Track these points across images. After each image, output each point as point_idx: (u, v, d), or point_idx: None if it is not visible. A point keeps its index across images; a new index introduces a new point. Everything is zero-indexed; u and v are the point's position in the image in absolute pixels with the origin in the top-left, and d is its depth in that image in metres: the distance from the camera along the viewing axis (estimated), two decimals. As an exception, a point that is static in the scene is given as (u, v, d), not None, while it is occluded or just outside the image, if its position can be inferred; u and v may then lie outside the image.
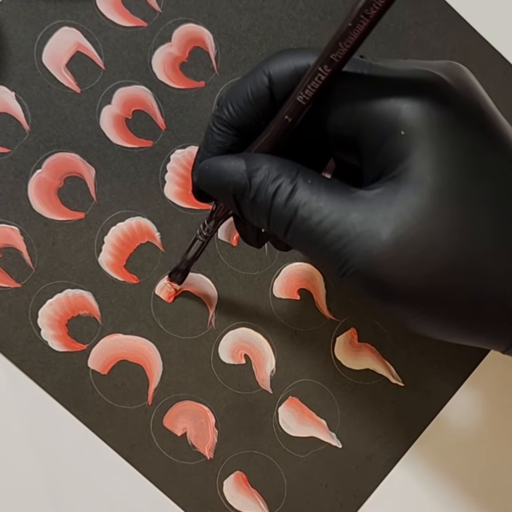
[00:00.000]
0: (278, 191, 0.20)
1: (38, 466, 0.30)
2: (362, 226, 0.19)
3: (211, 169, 0.22)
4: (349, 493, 0.31)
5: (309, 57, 0.20)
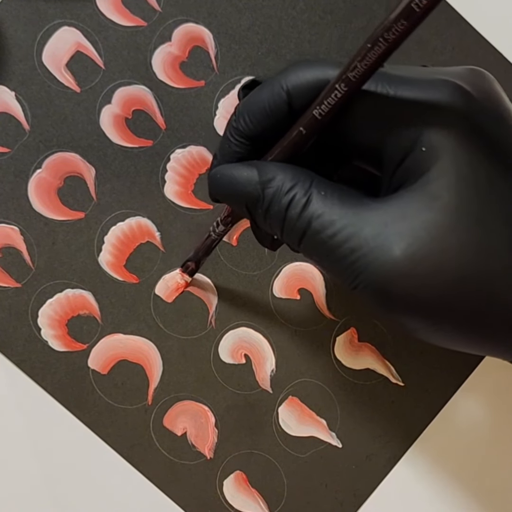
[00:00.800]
0: (291, 203, 0.20)
1: (38, 466, 0.30)
2: (375, 241, 0.19)
3: (223, 179, 0.22)
4: (349, 492, 0.31)
5: (328, 70, 0.20)
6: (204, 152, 0.31)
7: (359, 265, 0.19)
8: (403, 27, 0.17)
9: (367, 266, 0.19)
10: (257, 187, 0.21)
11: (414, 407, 0.31)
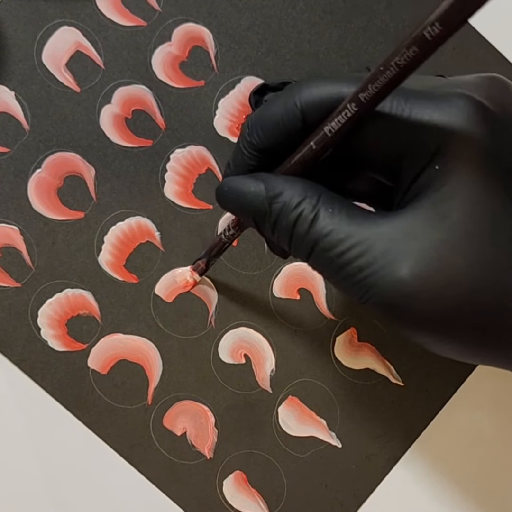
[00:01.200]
0: (299, 220, 0.20)
1: (38, 465, 0.30)
2: (383, 259, 0.19)
3: (231, 192, 0.22)
4: (349, 492, 0.31)
5: (343, 87, 0.20)
6: (204, 152, 0.31)
7: (368, 282, 0.19)
8: (414, 54, 0.16)
9: (375, 284, 0.19)
10: (264, 202, 0.21)
11: (414, 407, 0.31)
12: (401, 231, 0.19)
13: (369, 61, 0.31)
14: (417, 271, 0.19)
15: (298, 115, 0.21)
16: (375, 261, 0.19)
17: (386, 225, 0.19)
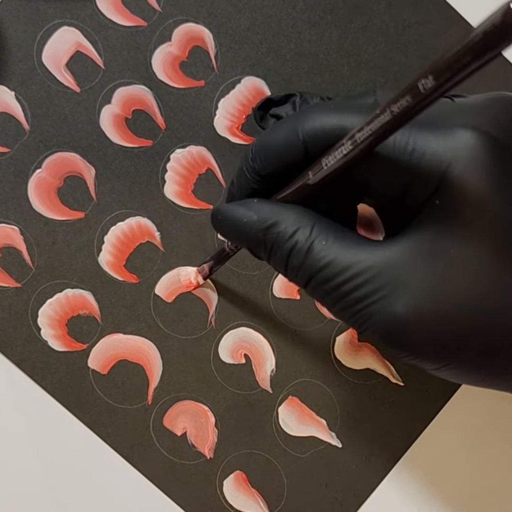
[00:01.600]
0: (292, 253, 0.20)
1: (38, 465, 0.30)
2: (380, 292, 0.19)
3: (225, 221, 0.22)
4: (349, 492, 0.31)
5: (347, 118, 0.20)
6: (204, 152, 0.31)
7: (364, 314, 0.20)
8: (408, 104, 0.16)
9: (372, 316, 0.19)
10: (258, 234, 0.21)
11: (414, 407, 0.31)
12: (398, 263, 0.19)
13: (369, 61, 0.31)
14: (413, 305, 0.19)
15: (300, 147, 0.21)
16: (371, 293, 0.19)
17: (383, 256, 0.19)
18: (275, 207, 0.21)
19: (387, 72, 0.31)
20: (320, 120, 0.20)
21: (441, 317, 0.19)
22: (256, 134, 0.31)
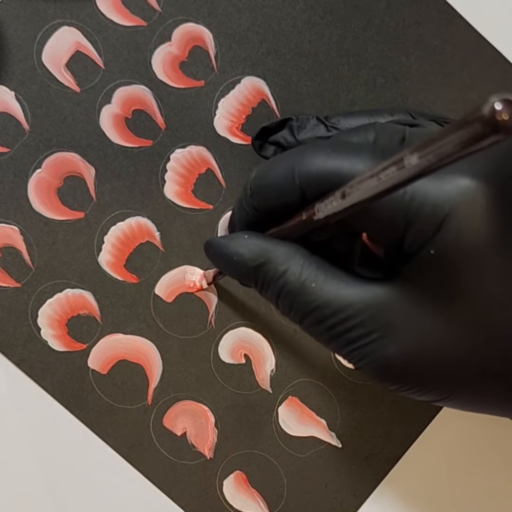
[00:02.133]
0: (282, 293, 0.20)
1: (38, 466, 0.30)
2: (370, 336, 0.19)
3: (216, 257, 0.22)
4: (349, 492, 0.31)
5: (343, 166, 0.19)
6: (204, 152, 0.31)
7: (357, 354, 0.20)
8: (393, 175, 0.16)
9: (365, 356, 0.20)
10: (249, 271, 0.21)
11: (414, 407, 0.31)
12: (389, 308, 0.19)
13: (369, 61, 0.31)
14: (405, 348, 0.19)
15: (296, 191, 0.20)
16: (363, 336, 0.19)
17: (376, 300, 0.19)
18: (266, 244, 0.21)
19: (387, 72, 0.31)
20: (317, 166, 0.20)
21: (433, 360, 0.19)
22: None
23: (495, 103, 0.12)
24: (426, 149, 0.14)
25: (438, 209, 0.18)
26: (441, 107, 0.31)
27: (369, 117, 0.27)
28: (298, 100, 0.31)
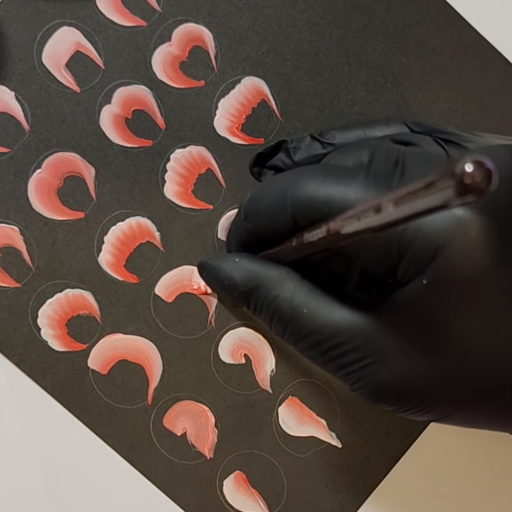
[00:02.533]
0: (274, 318, 0.21)
1: (38, 466, 0.30)
2: (363, 361, 0.20)
3: (209, 280, 0.22)
4: (349, 492, 0.31)
5: (335, 195, 0.19)
6: (204, 152, 0.31)
7: (351, 378, 0.20)
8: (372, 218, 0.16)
9: (359, 380, 0.20)
10: (241, 295, 0.21)
11: (414, 407, 0.31)
12: (381, 334, 0.19)
13: (369, 61, 0.31)
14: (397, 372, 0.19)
15: (289, 219, 0.21)
16: (356, 361, 0.20)
17: (368, 326, 0.19)
18: (257, 268, 0.21)
19: (387, 72, 0.31)
20: (309, 194, 0.20)
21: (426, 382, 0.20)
22: (256, 134, 0.31)
23: (466, 165, 0.12)
24: (402, 201, 0.14)
25: (432, 240, 0.18)
26: (441, 107, 0.31)
27: (365, 129, 0.27)
28: (298, 100, 0.31)
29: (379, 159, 0.21)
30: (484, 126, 0.31)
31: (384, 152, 0.21)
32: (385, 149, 0.22)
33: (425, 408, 0.20)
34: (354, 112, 0.31)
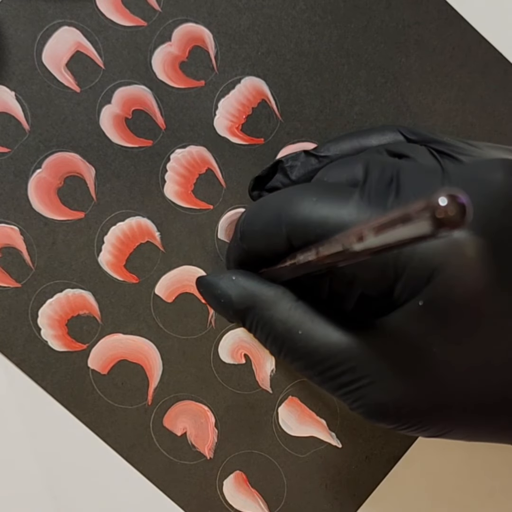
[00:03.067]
0: (269, 338, 0.20)
1: (38, 466, 0.30)
2: (360, 382, 0.19)
3: (206, 297, 0.22)
4: (349, 492, 0.31)
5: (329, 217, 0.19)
6: (204, 152, 0.31)
7: (349, 398, 0.20)
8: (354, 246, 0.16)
9: (357, 400, 0.20)
10: (237, 314, 0.21)
11: (414, 407, 0.31)
12: (378, 355, 0.19)
13: (369, 61, 0.31)
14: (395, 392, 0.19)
15: (284, 240, 0.20)
16: (353, 381, 0.19)
17: (364, 346, 0.19)
18: (253, 287, 0.21)
19: (387, 72, 0.31)
20: (303, 216, 0.20)
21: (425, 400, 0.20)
22: (256, 134, 0.31)
23: (439, 198, 0.12)
24: (381, 230, 0.14)
25: (428, 261, 0.18)
26: (441, 107, 0.31)
27: (359, 139, 0.26)
28: (298, 100, 0.31)
29: (373, 176, 0.21)
30: (484, 126, 0.31)
31: (378, 168, 0.21)
32: (380, 165, 0.21)
33: (424, 426, 0.20)
34: (354, 112, 0.31)
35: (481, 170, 0.20)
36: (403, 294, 0.19)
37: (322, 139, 0.31)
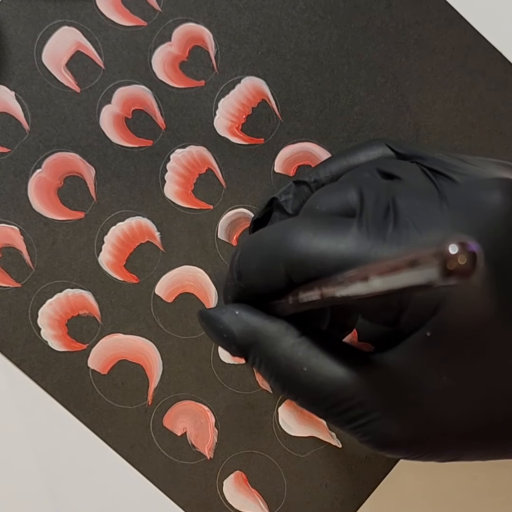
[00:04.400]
0: (272, 375, 0.20)
1: (38, 466, 0.30)
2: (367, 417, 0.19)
3: (208, 330, 0.22)
4: (349, 492, 0.31)
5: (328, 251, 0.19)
6: (204, 152, 0.31)
7: (357, 432, 0.20)
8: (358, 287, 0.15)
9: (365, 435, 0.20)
10: (239, 350, 0.21)
11: (414, 407, 0.31)
12: (384, 389, 0.19)
13: (369, 61, 0.31)
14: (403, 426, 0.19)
15: (283, 278, 0.20)
16: (361, 416, 0.19)
17: (371, 381, 0.19)
18: (256, 323, 0.20)
19: (387, 72, 0.31)
20: (300, 254, 0.19)
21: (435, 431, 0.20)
22: (256, 134, 0.31)
23: (450, 246, 0.11)
24: (386, 274, 0.14)
25: (432, 293, 0.18)
26: (441, 107, 0.31)
27: (347, 157, 0.26)
28: (298, 100, 0.31)
29: (369, 205, 0.20)
30: (484, 126, 0.31)
31: (373, 195, 0.20)
32: (374, 191, 0.21)
33: (434, 455, 0.21)
34: (354, 112, 0.31)
35: (478, 192, 0.19)
36: (409, 325, 0.19)
37: (322, 139, 0.31)
